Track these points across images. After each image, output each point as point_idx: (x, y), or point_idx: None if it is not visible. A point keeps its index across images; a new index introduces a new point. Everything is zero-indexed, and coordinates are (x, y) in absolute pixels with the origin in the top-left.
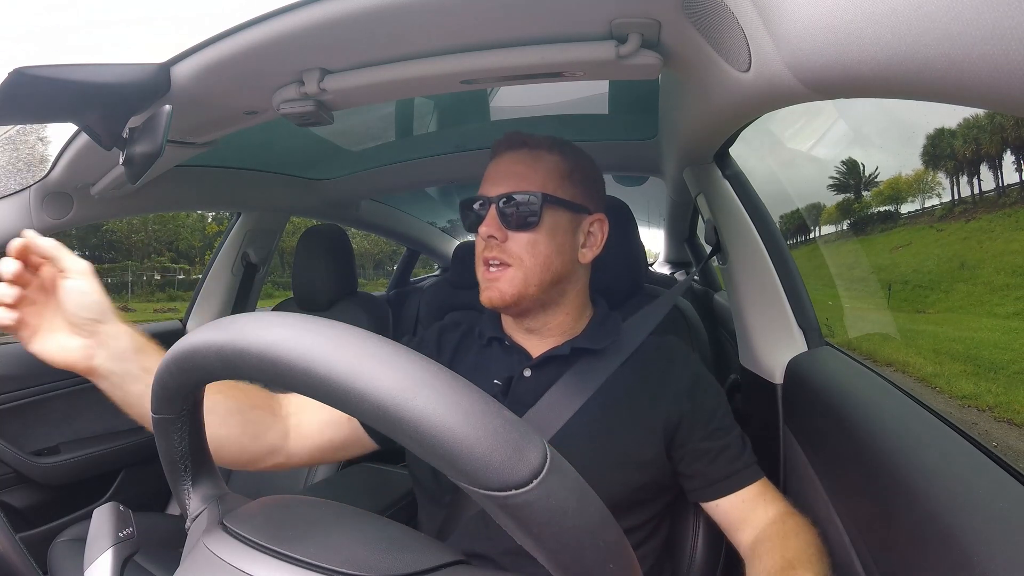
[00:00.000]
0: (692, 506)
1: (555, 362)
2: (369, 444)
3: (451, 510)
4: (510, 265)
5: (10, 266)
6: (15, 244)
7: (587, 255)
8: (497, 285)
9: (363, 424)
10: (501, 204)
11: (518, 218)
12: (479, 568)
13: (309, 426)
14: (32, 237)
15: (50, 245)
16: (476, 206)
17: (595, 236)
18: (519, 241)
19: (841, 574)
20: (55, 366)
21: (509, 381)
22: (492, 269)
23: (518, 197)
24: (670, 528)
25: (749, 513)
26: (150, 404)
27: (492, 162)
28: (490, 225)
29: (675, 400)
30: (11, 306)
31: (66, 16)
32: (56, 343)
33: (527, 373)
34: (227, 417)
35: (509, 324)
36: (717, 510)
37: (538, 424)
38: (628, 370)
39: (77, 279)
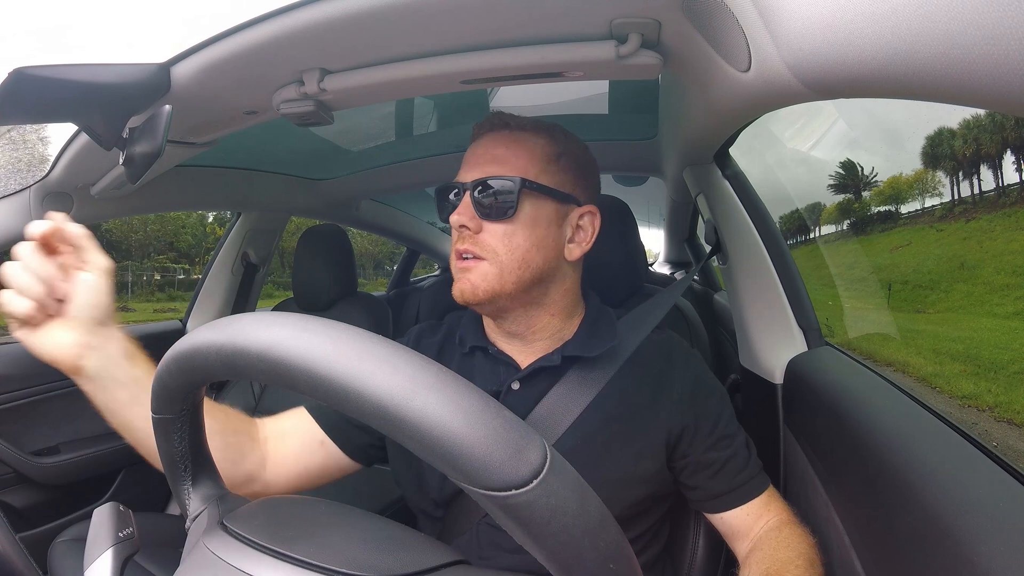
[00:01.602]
0: (692, 509)
1: (545, 373)
2: (349, 466)
3: (444, 526)
4: (484, 259)
5: (31, 251)
6: (42, 226)
7: (575, 251)
8: (468, 277)
9: (343, 445)
10: (476, 191)
11: (493, 207)
12: (479, 568)
13: (285, 455)
14: (61, 222)
15: (80, 233)
16: (452, 195)
17: (585, 230)
18: (494, 232)
19: (841, 574)
20: (43, 359)
21: (496, 396)
22: (465, 260)
23: (493, 183)
24: (670, 531)
25: (752, 526)
26: (150, 404)
27: (471, 145)
28: (463, 214)
29: (676, 408)
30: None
31: (66, 15)
32: (51, 336)
33: (515, 386)
34: (209, 438)
35: (492, 329)
36: (720, 521)
37: None
38: (625, 376)
39: (95, 274)
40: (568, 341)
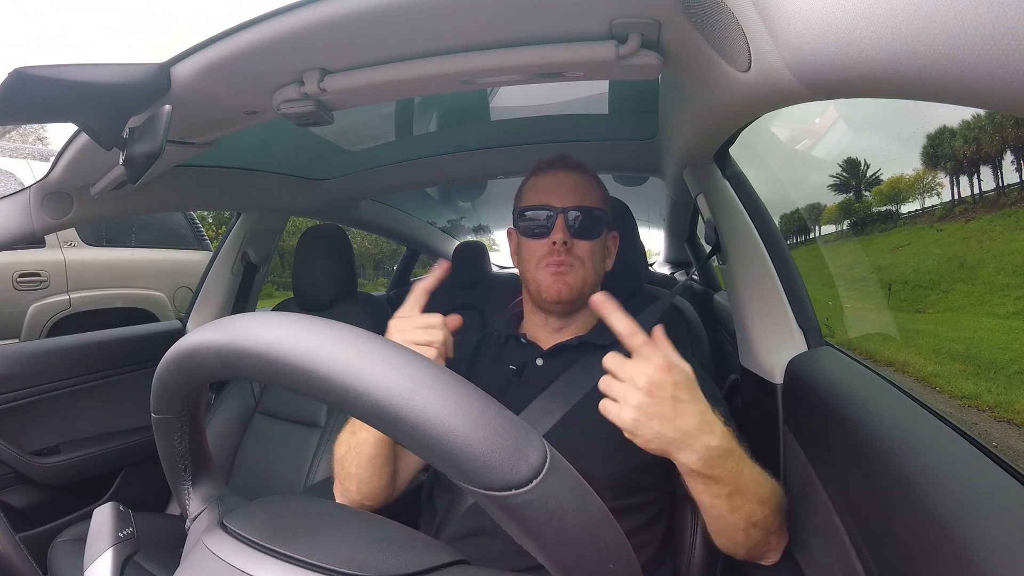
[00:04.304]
0: (690, 501)
1: (565, 353)
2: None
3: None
4: (573, 266)
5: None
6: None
7: (608, 263)
8: (565, 279)
9: None
10: (570, 215)
11: (585, 228)
12: (479, 568)
13: (411, 465)
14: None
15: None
16: (542, 216)
17: (610, 249)
18: (583, 247)
19: (841, 574)
20: None
21: (523, 367)
22: (558, 267)
23: (588, 211)
24: (669, 524)
25: None
26: (152, 405)
27: (546, 175)
28: (564, 232)
29: None
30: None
31: (66, 16)
32: None
33: (539, 362)
34: (382, 466)
35: (531, 324)
36: None
37: (549, 406)
38: None
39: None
40: (585, 334)
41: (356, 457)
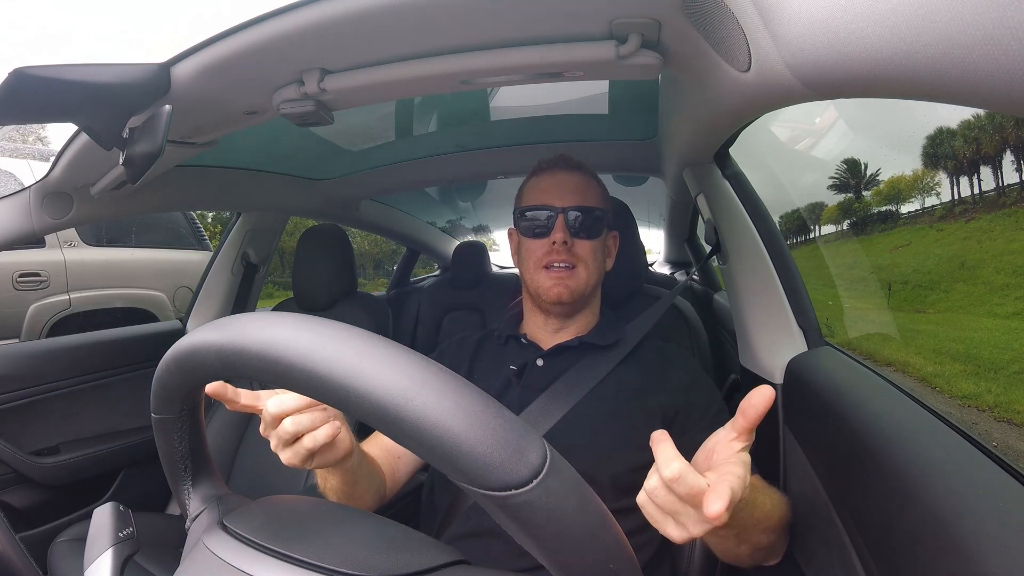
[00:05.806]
0: None
1: (565, 354)
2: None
3: None
4: (575, 267)
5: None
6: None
7: (608, 263)
8: (566, 282)
9: None
10: (571, 215)
11: (586, 228)
12: (479, 568)
13: (403, 473)
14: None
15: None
16: (542, 215)
17: (611, 248)
18: (584, 247)
19: (841, 574)
20: (337, 457)
21: (524, 367)
22: (558, 268)
23: (589, 211)
24: None
25: None
26: (152, 405)
27: (547, 175)
28: (565, 232)
29: (673, 394)
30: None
31: (66, 16)
32: (342, 436)
33: (539, 362)
34: (374, 484)
35: (532, 325)
36: None
37: (549, 406)
38: (631, 366)
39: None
40: (585, 334)
41: (334, 495)
